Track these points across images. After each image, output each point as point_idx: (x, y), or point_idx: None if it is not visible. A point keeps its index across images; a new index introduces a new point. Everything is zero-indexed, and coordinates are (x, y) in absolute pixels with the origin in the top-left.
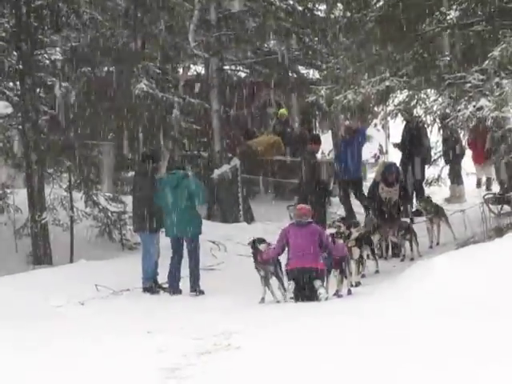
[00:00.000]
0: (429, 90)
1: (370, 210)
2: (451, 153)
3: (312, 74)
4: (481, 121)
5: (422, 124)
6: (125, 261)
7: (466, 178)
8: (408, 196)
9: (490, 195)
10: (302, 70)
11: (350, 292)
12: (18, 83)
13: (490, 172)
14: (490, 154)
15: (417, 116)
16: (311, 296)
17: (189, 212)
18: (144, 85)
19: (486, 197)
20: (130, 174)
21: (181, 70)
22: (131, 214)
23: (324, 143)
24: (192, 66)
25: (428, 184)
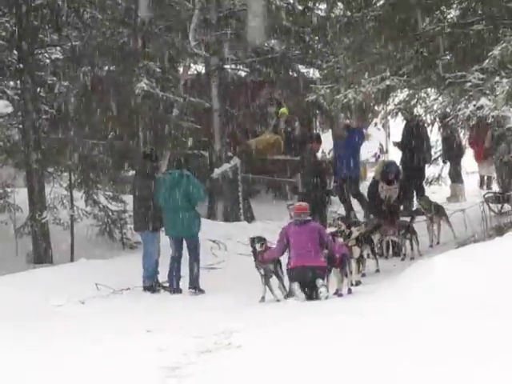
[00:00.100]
0: (429, 89)
1: (370, 208)
2: (451, 152)
3: (312, 73)
4: (481, 119)
5: (422, 123)
6: (125, 260)
7: (466, 176)
8: (408, 195)
9: (491, 194)
10: (302, 69)
11: (350, 291)
12: (19, 82)
13: (489, 171)
14: (488, 152)
15: (417, 115)
16: (312, 295)
17: (187, 211)
18: (144, 84)
19: (487, 196)
20: (131, 174)
21: (181, 69)
22: (132, 213)
23: (324, 142)
24: (192, 65)
25: (428, 183)
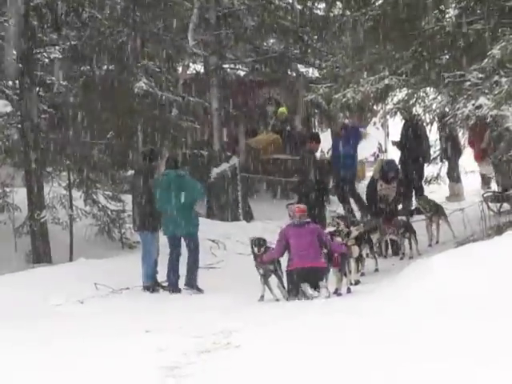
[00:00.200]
0: (428, 89)
1: (368, 207)
2: (449, 151)
3: (311, 72)
4: (480, 119)
5: (421, 122)
6: (124, 259)
7: (465, 176)
8: (407, 194)
9: (489, 193)
10: (301, 68)
11: (349, 290)
12: (18, 82)
13: (488, 170)
14: (486, 153)
15: (416, 114)
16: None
17: (184, 211)
18: (143, 83)
19: (485, 195)
20: (130, 173)
21: (180, 68)
22: (131, 213)
23: (323, 142)
24: (191, 64)
25: (427, 182)
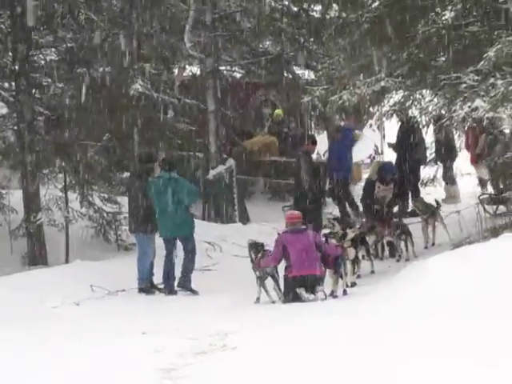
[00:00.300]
0: (424, 91)
1: (364, 209)
2: (443, 153)
3: (307, 74)
4: (477, 122)
5: (417, 124)
6: (120, 261)
7: (461, 178)
8: (403, 196)
9: (486, 195)
10: (297, 70)
11: (345, 292)
12: (14, 84)
13: (483, 174)
14: (481, 156)
15: (412, 116)
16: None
17: (178, 213)
18: (139, 85)
19: (481, 197)
20: (126, 175)
21: (176, 70)
22: (127, 215)
23: (319, 144)
24: (187, 66)
25: (423, 184)
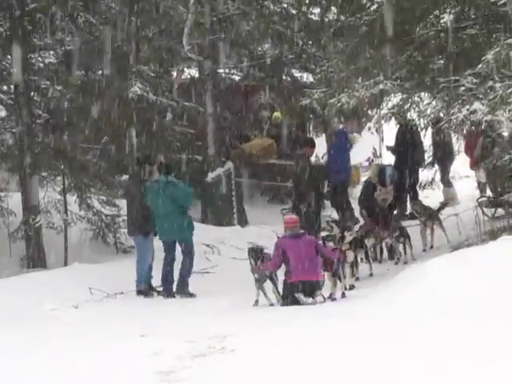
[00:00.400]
0: (422, 94)
1: (362, 211)
2: (440, 156)
3: (306, 77)
4: (474, 125)
5: (415, 127)
6: (119, 264)
7: (460, 181)
8: (401, 199)
9: (484, 198)
10: (295, 73)
11: (344, 295)
12: (12, 86)
13: (481, 177)
14: (479, 159)
15: (410, 119)
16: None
17: (176, 217)
18: (138, 88)
19: (480, 200)
20: (124, 178)
21: (175, 73)
22: (125, 218)
23: (318, 146)
24: (186, 69)
25: (422, 187)
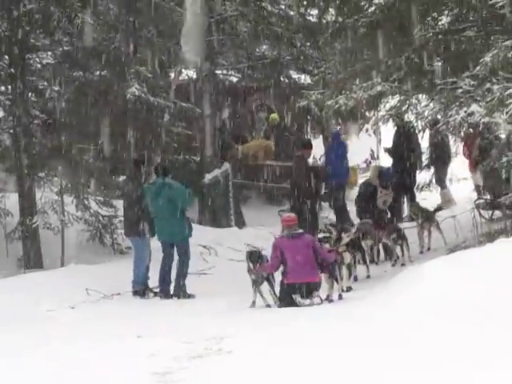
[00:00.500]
0: (420, 96)
1: (359, 212)
2: (436, 158)
3: (304, 78)
4: (472, 127)
5: (413, 129)
6: (116, 265)
7: (457, 183)
8: (399, 200)
9: (481, 201)
10: (293, 74)
11: (341, 297)
12: (10, 87)
13: (478, 180)
14: (477, 162)
15: (408, 121)
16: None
17: (173, 218)
18: (135, 89)
19: (477, 202)
20: (122, 179)
21: (172, 74)
22: (122, 219)
23: (315, 148)
24: (184, 70)
25: (419, 189)
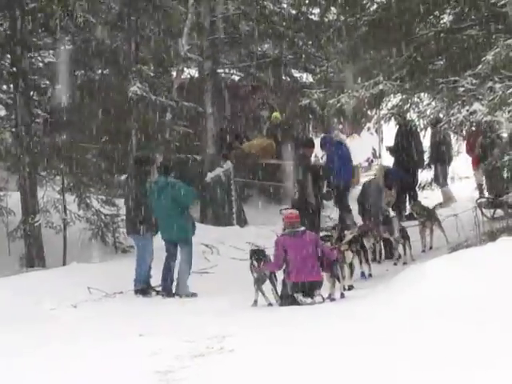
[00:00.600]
0: (422, 94)
1: (360, 211)
2: (437, 156)
3: (306, 77)
4: (475, 125)
5: (415, 128)
6: (118, 263)
7: (459, 182)
8: (401, 199)
9: (483, 199)
10: (295, 73)
11: (342, 296)
12: (12, 86)
13: (480, 178)
14: (479, 160)
15: (410, 120)
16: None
17: (176, 217)
18: (137, 88)
19: (479, 201)
20: (124, 177)
21: (174, 73)
22: (124, 217)
23: (317, 147)
24: (186, 69)
25: (421, 188)
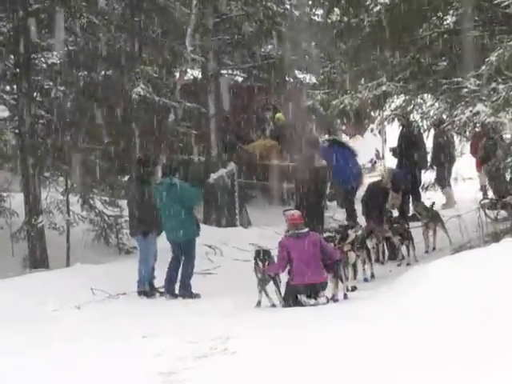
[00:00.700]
0: (425, 95)
1: (364, 212)
2: (439, 158)
3: (309, 78)
4: (478, 127)
5: (418, 129)
6: (121, 265)
7: (463, 183)
8: (404, 200)
9: (487, 200)
10: (298, 74)
11: (346, 297)
12: (15, 87)
13: (484, 180)
14: (482, 161)
15: (413, 121)
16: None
17: (181, 218)
18: (141, 89)
19: (483, 202)
20: (127, 179)
21: (178, 74)
22: (127, 218)
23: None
24: (189, 70)
25: (424, 189)
